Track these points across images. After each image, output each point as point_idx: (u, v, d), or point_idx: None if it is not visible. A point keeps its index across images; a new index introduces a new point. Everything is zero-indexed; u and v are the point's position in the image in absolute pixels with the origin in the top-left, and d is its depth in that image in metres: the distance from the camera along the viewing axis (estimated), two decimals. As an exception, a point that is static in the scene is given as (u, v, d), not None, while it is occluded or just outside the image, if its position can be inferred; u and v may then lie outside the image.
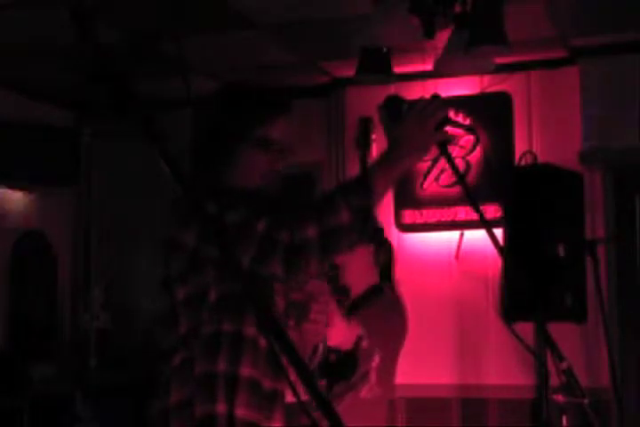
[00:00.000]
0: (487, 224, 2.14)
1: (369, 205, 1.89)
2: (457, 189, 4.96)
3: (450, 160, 2.12)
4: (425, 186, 5.14)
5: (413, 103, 2.03)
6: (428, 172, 5.10)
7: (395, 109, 2.06)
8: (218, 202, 1.91)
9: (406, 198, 5.14)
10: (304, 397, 1.28)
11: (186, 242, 1.98)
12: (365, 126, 5.11)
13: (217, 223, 1.79)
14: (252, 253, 1.88)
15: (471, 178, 5.00)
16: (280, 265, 1.89)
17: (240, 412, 1.97)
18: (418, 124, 1.98)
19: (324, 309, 2.27)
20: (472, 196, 2.21)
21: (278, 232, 1.87)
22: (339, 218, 1.85)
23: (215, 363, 1.97)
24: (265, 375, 2.01)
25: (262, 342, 2.00)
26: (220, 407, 1.94)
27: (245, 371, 1.98)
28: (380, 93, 2.56)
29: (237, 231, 1.89)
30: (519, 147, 4.98)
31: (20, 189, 5.45)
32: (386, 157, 1.97)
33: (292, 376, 1.24)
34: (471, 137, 5.08)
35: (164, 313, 2.04)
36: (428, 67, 4.13)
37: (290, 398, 2.04)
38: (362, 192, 1.89)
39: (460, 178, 2.24)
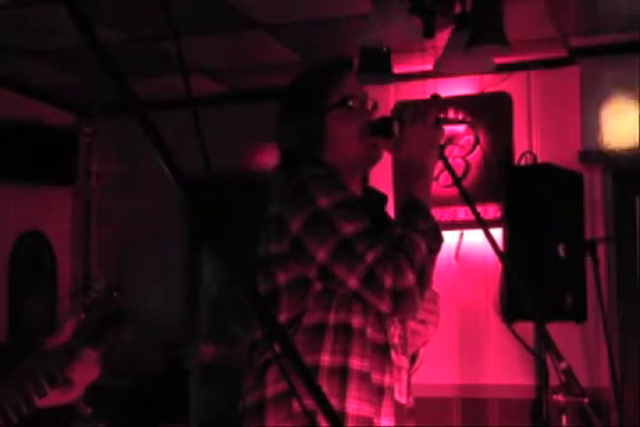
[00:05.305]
0: (485, 227, 2.15)
1: (434, 223, 1.99)
2: (456, 189, 4.94)
3: (446, 163, 2.15)
4: (424, 186, 5.13)
5: (402, 119, 2.08)
6: (428, 172, 5.09)
7: (385, 129, 2.09)
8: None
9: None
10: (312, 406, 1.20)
11: (290, 226, 1.92)
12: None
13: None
14: (357, 282, 1.88)
15: (471, 178, 5.00)
16: (387, 306, 1.89)
17: (352, 407, 1.90)
18: (417, 127, 2.06)
19: (436, 309, 2.16)
20: (469, 198, 2.26)
21: (383, 272, 1.86)
22: (421, 251, 1.91)
23: (319, 354, 1.90)
24: (373, 368, 1.93)
25: (369, 332, 1.94)
26: None
27: (355, 363, 1.91)
28: (379, 93, 2.56)
29: (345, 246, 1.89)
30: (519, 147, 4.97)
31: (20, 188, 5.44)
32: (409, 170, 2.05)
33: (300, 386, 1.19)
34: (471, 137, 5.07)
35: (263, 298, 1.93)
36: (428, 67, 4.12)
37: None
38: (422, 215, 1.98)
39: (457, 181, 2.26)
